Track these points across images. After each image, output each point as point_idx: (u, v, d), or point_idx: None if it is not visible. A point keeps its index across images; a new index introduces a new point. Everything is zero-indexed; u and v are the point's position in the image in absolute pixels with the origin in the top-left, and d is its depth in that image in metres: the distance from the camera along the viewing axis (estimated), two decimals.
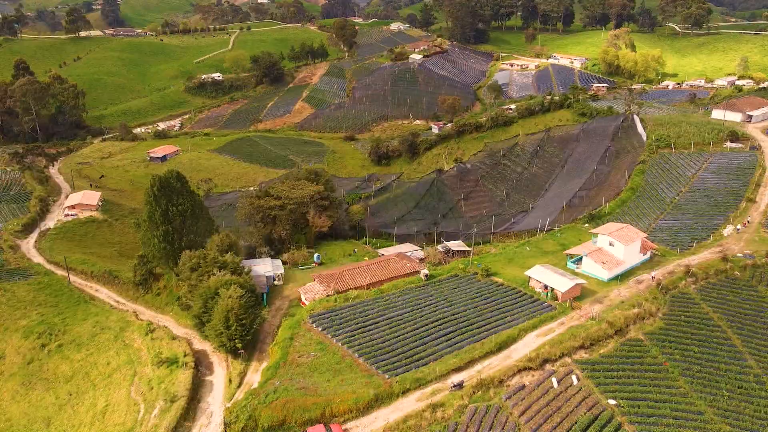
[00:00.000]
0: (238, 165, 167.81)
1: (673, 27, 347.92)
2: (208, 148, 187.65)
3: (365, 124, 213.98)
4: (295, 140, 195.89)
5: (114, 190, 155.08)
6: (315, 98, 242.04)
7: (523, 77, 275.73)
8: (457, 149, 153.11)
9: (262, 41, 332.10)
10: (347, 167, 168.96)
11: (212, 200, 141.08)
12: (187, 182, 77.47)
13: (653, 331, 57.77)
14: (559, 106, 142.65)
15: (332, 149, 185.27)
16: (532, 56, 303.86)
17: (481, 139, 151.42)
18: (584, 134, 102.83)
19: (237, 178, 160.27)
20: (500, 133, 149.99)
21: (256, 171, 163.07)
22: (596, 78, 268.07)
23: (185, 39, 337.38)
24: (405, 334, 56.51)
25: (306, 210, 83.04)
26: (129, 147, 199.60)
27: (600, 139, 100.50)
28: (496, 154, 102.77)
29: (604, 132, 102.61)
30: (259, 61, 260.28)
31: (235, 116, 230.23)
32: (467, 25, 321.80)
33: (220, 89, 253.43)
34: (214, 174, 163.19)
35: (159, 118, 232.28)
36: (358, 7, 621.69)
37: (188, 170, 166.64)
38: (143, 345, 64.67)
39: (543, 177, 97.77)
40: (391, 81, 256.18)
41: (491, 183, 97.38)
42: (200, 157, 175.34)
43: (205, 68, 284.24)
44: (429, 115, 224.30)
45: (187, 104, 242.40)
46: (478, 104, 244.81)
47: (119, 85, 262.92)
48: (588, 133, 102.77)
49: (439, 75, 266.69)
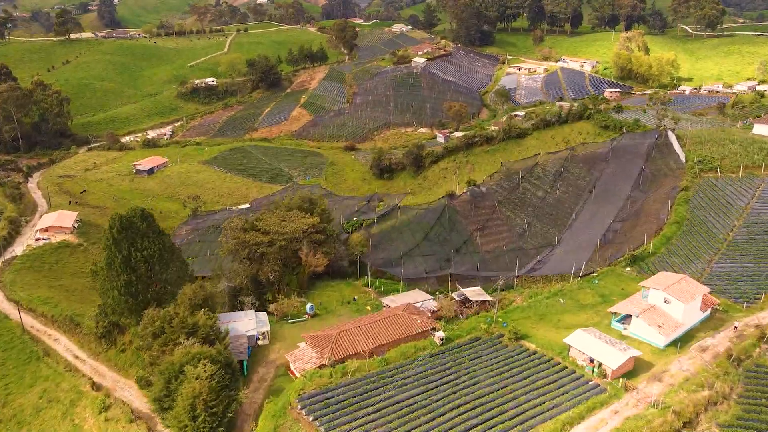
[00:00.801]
0: (230, 179, 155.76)
1: (685, 28, 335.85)
2: (199, 159, 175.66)
3: (366, 133, 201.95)
4: (291, 150, 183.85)
5: (95, 207, 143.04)
6: (313, 104, 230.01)
7: (531, 81, 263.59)
8: (466, 163, 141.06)
9: (260, 43, 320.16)
10: (347, 181, 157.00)
11: (199, 220, 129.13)
12: (154, 221, 65.45)
13: (729, 421, 45.81)
14: (578, 117, 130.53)
15: (331, 160, 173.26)
16: (540, 59, 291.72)
17: (493, 153, 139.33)
18: (613, 153, 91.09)
19: (228, 194, 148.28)
20: (513, 146, 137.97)
21: (249, 186, 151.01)
22: (608, 82, 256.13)
23: (180, 41, 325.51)
24: (417, 428, 44.53)
25: (298, 247, 71.27)
26: (116, 157, 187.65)
27: (631, 159, 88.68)
28: (514, 175, 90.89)
29: (636, 151, 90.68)
30: (255, 65, 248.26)
31: (230, 124, 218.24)
32: (472, 27, 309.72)
33: (214, 95, 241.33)
34: (204, 189, 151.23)
35: (149, 125, 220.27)
36: (358, 7, 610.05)
37: (176, 184, 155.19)
38: (95, 428, 52.67)
39: (568, 203, 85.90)
40: (393, 86, 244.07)
41: (510, 209, 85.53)
42: (190, 170, 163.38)
43: (200, 72, 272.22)
44: (434, 122, 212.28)
45: (179, 111, 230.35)
46: (485, 110, 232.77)
47: (109, 90, 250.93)
48: (618, 152, 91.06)
49: (444, 79, 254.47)
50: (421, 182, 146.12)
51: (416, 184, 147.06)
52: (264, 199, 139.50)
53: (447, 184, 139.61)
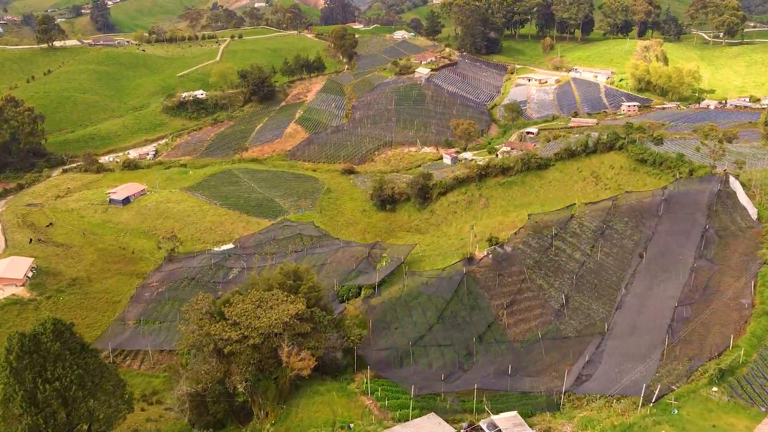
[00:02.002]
0: (213, 211, 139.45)
1: (702, 35, 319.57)
2: (182, 185, 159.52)
3: (366, 153, 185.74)
4: (284, 174, 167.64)
5: (60, 245, 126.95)
6: (310, 119, 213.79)
7: (542, 93, 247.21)
8: (479, 197, 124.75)
9: (254, 51, 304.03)
10: (345, 213, 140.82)
11: (175, 266, 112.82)
12: (74, 334, 49.09)
13: None
14: (609, 148, 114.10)
15: (328, 186, 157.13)
16: (551, 69, 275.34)
17: (509, 186, 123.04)
18: (666, 205, 74.81)
19: (210, 230, 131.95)
20: (533, 179, 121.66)
21: (234, 220, 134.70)
22: (625, 95, 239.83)
23: (170, 48, 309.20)
24: None
25: (278, 344, 55.21)
26: (92, 181, 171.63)
27: (689, 212, 72.46)
28: (545, 231, 74.69)
29: (694, 202, 74.37)
30: (247, 77, 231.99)
31: (218, 142, 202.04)
32: (478, 34, 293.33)
33: (203, 109, 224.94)
34: (184, 223, 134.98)
35: (131, 143, 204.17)
36: (358, 10, 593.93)
37: (154, 217, 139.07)
38: None
39: (614, 270, 69.69)
40: (395, 99, 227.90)
41: (542, 277, 69.41)
42: (170, 199, 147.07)
43: (189, 83, 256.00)
44: (440, 141, 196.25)
45: (165, 127, 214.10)
46: (494, 126, 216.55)
47: (91, 103, 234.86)
48: (671, 204, 74.83)
49: (449, 92, 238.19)
50: (428, 217, 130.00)
51: (422, 218, 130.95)
52: (251, 237, 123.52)
53: (457, 221, 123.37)
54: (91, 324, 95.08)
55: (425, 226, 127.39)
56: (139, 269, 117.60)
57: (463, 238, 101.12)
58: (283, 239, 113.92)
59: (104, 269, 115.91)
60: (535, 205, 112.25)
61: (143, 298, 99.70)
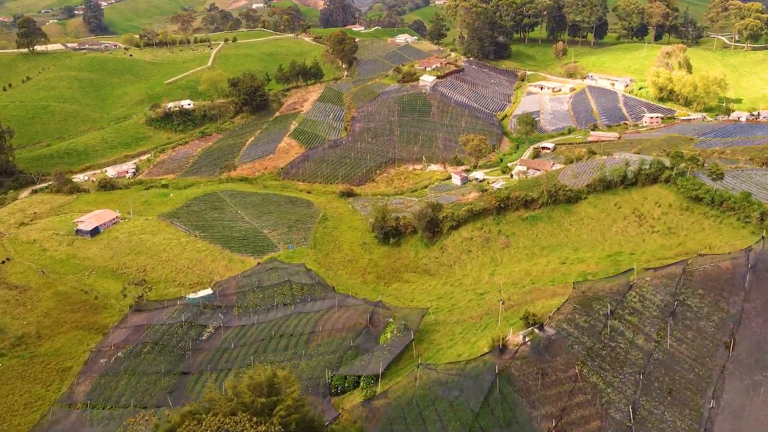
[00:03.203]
0: (192, 245, 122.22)
1: (722, 39, 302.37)
2: (161, 210, 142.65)
3: (367, 172, 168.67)
4: (276, 198, 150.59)
5: (14, 287, 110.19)
6: (305, 132, 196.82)
7: (556, 103, 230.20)
8: (497, 234, 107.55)
9: (248, 56, 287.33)
10: (342, 248, 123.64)
11: (141, 319, 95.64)
12: None
13: None
14: (652, 180, 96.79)
15: (324, 213, 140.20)
16: (564, 75, 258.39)
17: (533, 222, 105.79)
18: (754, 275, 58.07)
19: (187, 269, 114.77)
20: (561, 214, 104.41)
21: (215, 257, 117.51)
22: (646, 105, 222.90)
23: (160, 53, 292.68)
24: None
25: None
26: (63, 204, 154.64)
27: None
28: (595, 305, 57.58)
29: None
30: (238, 85, 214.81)
31: (205, 158, 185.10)
32: (486, 38, 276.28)
33: (190, 121, 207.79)
34: (158, 260, 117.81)
35: (111, 159, 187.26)
36: (359, 12, 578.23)
37: (125, 251, 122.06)
38: None
39: (693, 365, 52.70)
40: (398, 110, 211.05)
41: (596, 371, 52.45)
42: (145, 229, 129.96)
43: (178, 91, 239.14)
44: (447, 157, 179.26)
45: (148, 141, 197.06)
46: (506, 140, 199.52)
47: (71, 113, 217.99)
48: (759, 275, 58.18)
49: (457, 101, 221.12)
50: (438, 255, 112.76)
51: (431, 256, 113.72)
52: (232, 280, 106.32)
53: (473, 262, 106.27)
54: (29, 403, 78.00)
55: (435, 267, 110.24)
56: (100, 321, 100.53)
57: (484, 293, 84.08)
58: (269, 287, 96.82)
59: (59, 321, 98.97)
60: (565, 248, 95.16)
61: (97, 366, 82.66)
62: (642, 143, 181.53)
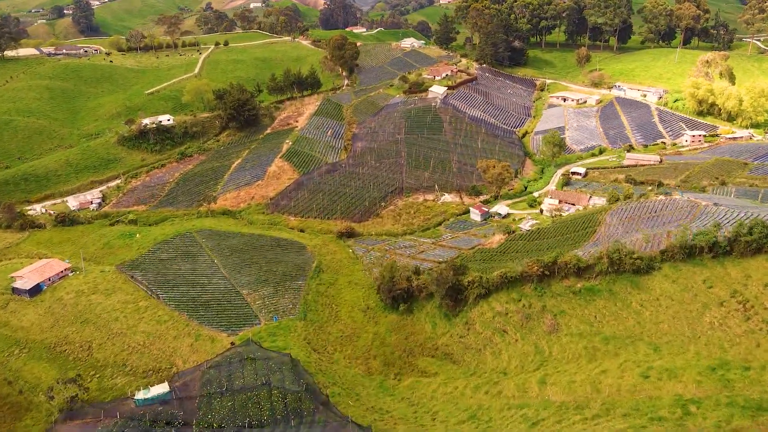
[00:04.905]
0: (152, 311, 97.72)
1: (757, 44, 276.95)
2: (122, 257, 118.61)
3: (370, 205, 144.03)
4: (261, 240, 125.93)
5: None
6: (300, 153, 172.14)
7: (582, 118, 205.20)
8: (541, 311, 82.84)
9: (240, 62, 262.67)
10: (341, 315, 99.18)
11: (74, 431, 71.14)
12: None
13: None
14: (755, 249, 72.32)
15: (318, 261, 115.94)
16: (588, 85, 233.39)
17: (589, 298, 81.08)
18: None
19: (142, 348, 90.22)
20: (626, 289, 79.58)
21: (178, 330, 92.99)
22: (683, 120, 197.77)
23: (144, 59, 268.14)
24: None
25: None
26: (10, 245, 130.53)
27: None
28: None
29: None
30: (224, 98, 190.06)
31: (183, 184, 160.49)
32: (500, 43, 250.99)
33: (169, 139, 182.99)
34: (108, 333, 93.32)
35: (75, 186, 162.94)
36: (360, 12, 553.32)
37: (68, 320, 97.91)
38: None
39: None
40: (405, 125, 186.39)
41: None
42: (98, 286, 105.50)
43: (159, 102, 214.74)
44: (463, 185, 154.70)
45: (119, 163, 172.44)
46: (529, 162, 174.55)
47: (36, 129, 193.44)
48: None
49: (472, 117, 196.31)
50: (463, 333, 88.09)
51: (454, 333, 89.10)
52: (196, 372, 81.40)
53: (510, 350, 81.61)
54: None
55: (460, 350, 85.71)
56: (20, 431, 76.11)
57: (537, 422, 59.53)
58: (243, 391, 72.25)
59: None
60: (641, 345, 70.52)
61: None
62: (689, 168, 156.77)
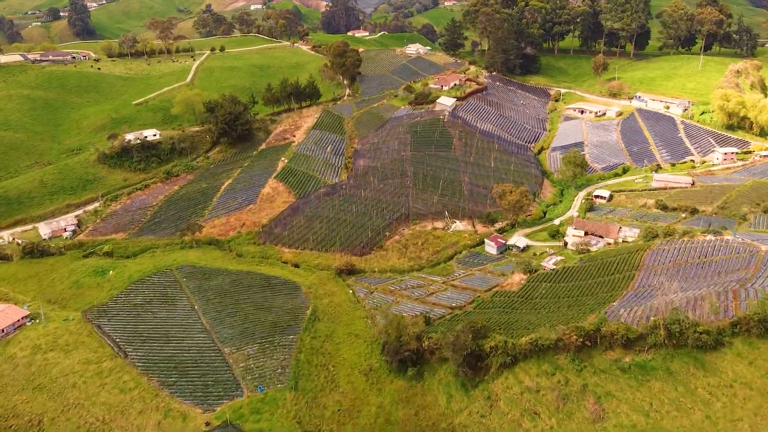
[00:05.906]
0: (116, 376, 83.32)
1: None
2: (91, 299, 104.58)
3: (374, 235, 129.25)
4: (250, 278, 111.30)
5: None
6: (296, 173, 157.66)
7: (601, 131, 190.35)
8: (582, 390, 67.98)
9: (235, 69, 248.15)
10: (339, 382, 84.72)
11: None
12: None
13: None
14: None
15: (315, 307, 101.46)
16: (606, 95, 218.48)
17: (642, 378, 66.50)
18: None
19: (101, 425, 75.71)
20: (688, 369, 64.79)
21: (145, 402, 78.50)
22: (712, 134, 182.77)
23: (134, 65, 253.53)
24: None
25: None
26: None
27: None
28: None
29: None
30: (216, 111, 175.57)
31: (168, 209, 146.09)
32: (511, 49, 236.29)
33: (155, 156, 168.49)
34: (63, 404, 78.96)
35: (49, 210, 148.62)
36: (363, 14, 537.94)
37: (18, 385, 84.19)
38: None
39: None
40: (410, 142, 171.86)
41: None
42: (57, 340, 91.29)
43: (147, 114, 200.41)
44: (475, 211, 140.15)
45: (99, 183, 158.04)
46: (547, 184, 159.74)
47: (12, 144, 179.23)
48: None
49: (483, 131, 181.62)
50: (484, 411, 73.32)
51: (472, 410, 74.28)
52: None
53: None
54: None
55: (479, 429, 70.62)
56: None
57: None
58: None
59: None
60: None
61: None
62: (725, 192, 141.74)
